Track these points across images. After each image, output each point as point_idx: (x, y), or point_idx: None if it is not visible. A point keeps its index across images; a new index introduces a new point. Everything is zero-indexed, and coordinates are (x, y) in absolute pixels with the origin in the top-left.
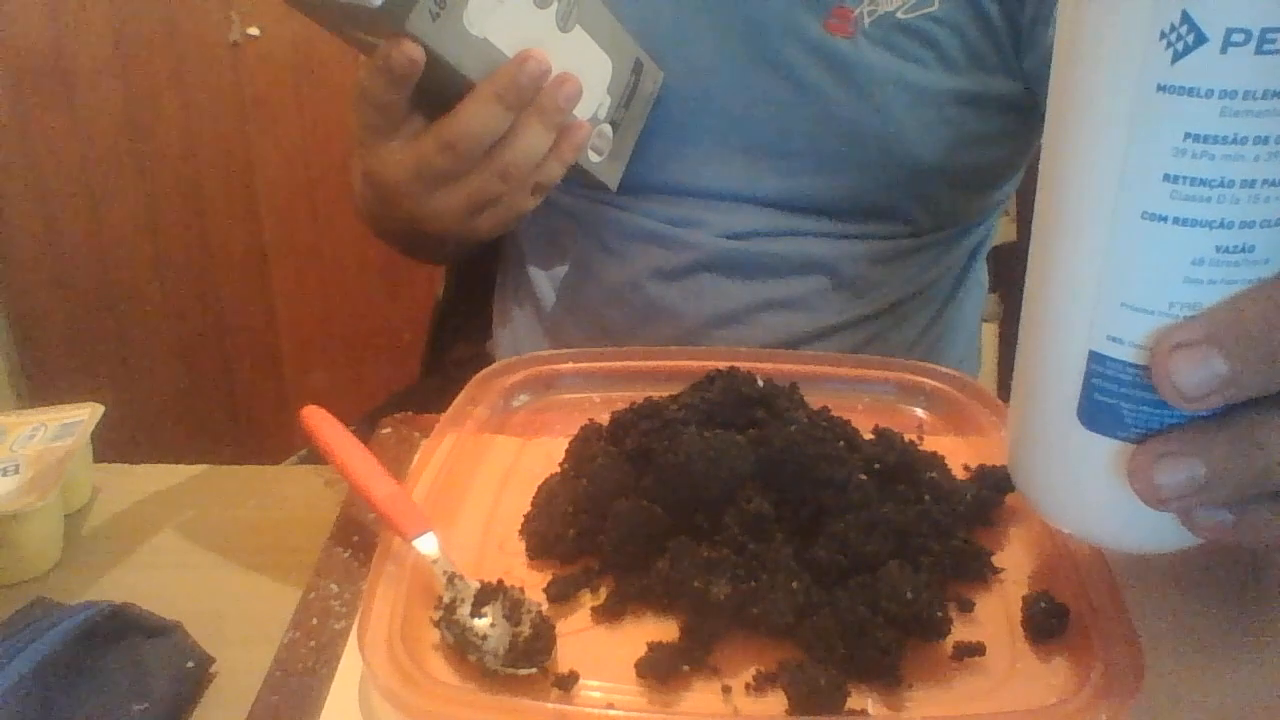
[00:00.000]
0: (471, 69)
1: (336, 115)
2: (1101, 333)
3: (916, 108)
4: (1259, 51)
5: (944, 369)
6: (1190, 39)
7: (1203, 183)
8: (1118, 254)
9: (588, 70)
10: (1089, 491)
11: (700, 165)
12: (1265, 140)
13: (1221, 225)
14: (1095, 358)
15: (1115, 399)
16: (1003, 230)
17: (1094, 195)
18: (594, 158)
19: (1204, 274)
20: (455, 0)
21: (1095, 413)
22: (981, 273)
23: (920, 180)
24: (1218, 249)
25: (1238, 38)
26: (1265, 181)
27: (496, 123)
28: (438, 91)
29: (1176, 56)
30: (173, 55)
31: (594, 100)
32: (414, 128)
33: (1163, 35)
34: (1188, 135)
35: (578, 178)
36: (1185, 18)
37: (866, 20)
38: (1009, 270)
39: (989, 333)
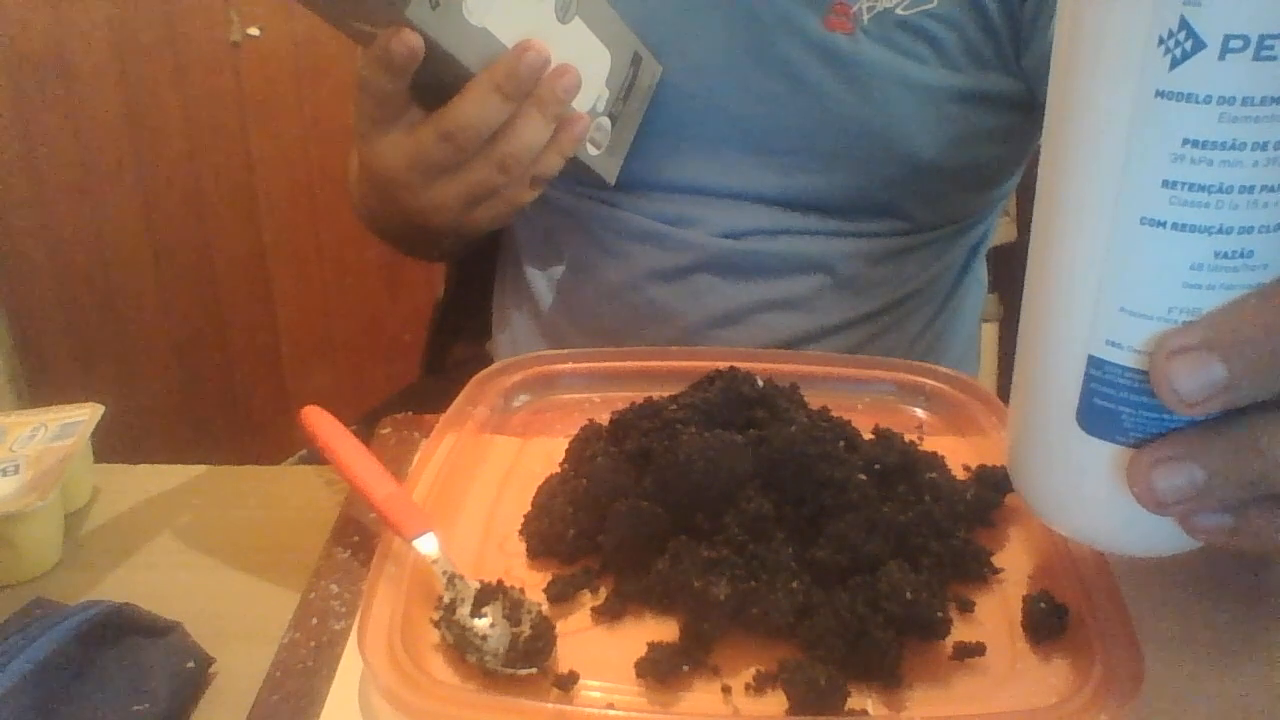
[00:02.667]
0: (470, 59)
1: (336, 115)
2: (1100, 337)
3: (916, 105)
4: (1257, 58)
5: (944, 369)
6: (1188, 45)
7: (1201, 188)
8: (1116, 259)
9: (586, 62)
10: (1088, 495)
11: (698, 163)
12: (1264, 146)
13: (1220, 231)
14: (1094, 362)
15: (1114, 403)
16: (1003, 230)
17: (1093, 200)
18: (592, 151)
19: (1203, 279)
20: None
21: (1094, 417)
22: (981, 272)
23: (920, 178)
24: (1216, 254)
25: (1236, 44)
26: (1264, 187)
27: (495, 113)
28: (436, 82)
29: (1175, 63)
30: (173, 55)
31: (592, 92)
32: (413, 118)
33: (1161, 41)
34: (1186, 141)
35: (575, 173)
36: (1183, 24)
37: (866, 17)
38: (1009, 270)
39: (989, 333)
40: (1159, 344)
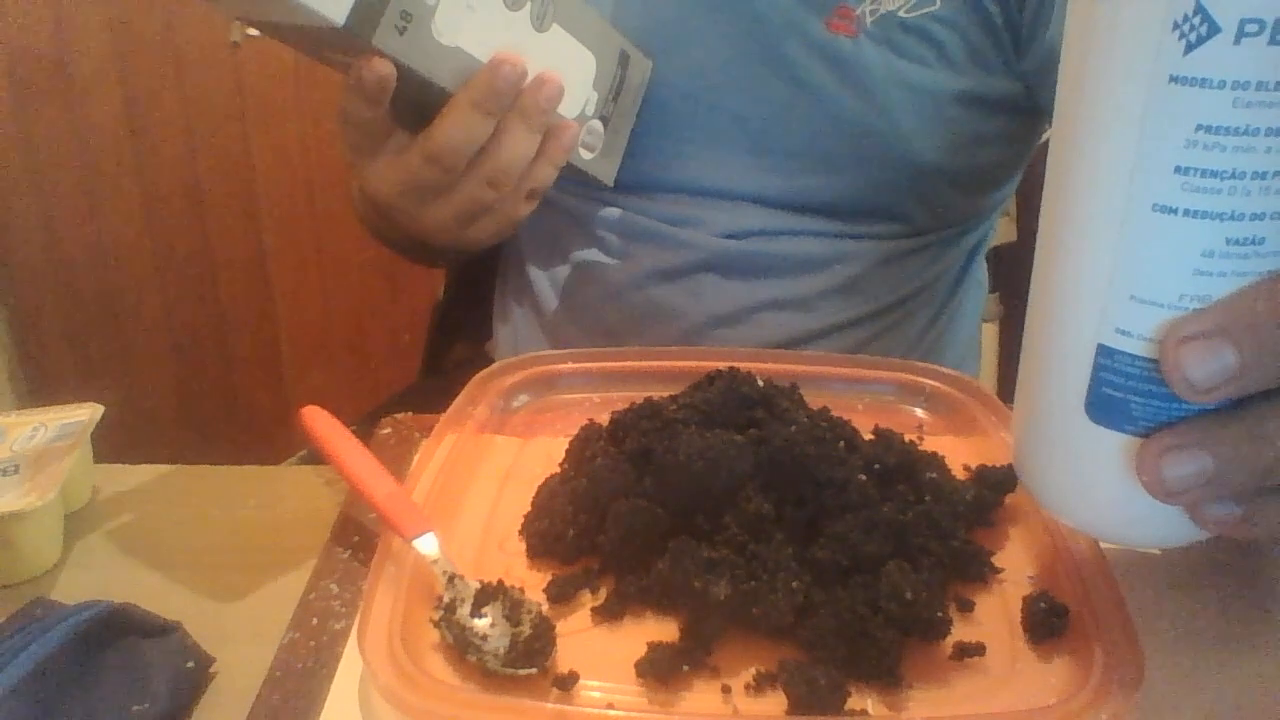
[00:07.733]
0: (446, 79)
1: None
2: (1110, 326)
3: (918, 107)
4: (1272, 42)
5: (944, 369)
6: (1203, 29)
7: (1214, 174)
8: (1128, 246)
9: (569, 68)
10: (1096, 486)
11: (701, 164)
12: (1277, 132)
13: (1232, 217)
14: (1104, 351)
15: (1123, 392)
16: (1003, 230)
17: (1105, 187)
18: (586, 155)
19: (1214, 266)
20: (421, 12)
21: (1103, 406)
22: (981, 272)
23: (921, 180)
24: (1228, 241)
25: (1251, 28)
26: (1276, 173)
27: (477, 131)
28: (420, 104)
29: (1189, 47)
30: (173, 55)
31: (579, 98)
32: (399, 143)
33: (1175, 26)
34: (1199, 127)
35: (574, 177)
36: (1199, 8)
37: (869, 19)
38: (1009, 270)
39: (989, 333)
40: (1170, 331)
